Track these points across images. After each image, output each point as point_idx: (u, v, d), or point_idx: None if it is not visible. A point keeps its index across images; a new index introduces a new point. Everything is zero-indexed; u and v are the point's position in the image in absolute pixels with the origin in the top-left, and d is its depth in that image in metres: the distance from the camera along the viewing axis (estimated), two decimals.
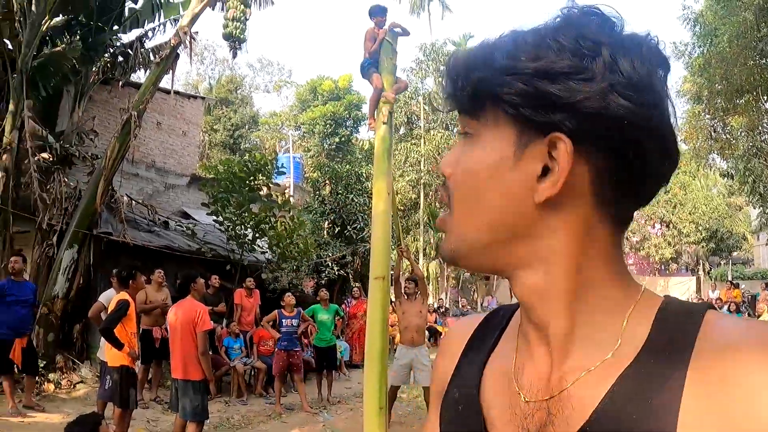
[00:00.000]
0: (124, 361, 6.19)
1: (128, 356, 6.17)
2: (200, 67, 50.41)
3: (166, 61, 11.37)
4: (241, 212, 12.83)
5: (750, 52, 14.36)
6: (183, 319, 5.79)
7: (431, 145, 27.96)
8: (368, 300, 5.77)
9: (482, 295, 37.10)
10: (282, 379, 9.31)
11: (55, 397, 9.17)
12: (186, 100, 17.96)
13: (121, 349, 6.10)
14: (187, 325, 5.74)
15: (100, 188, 10.84)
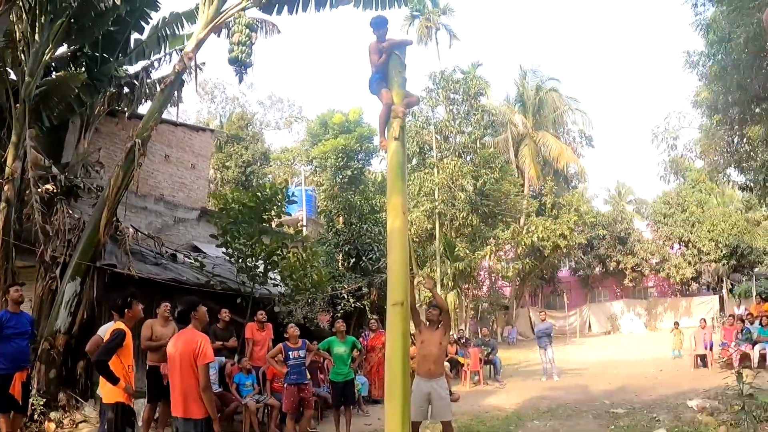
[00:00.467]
0: (120, 398, 5.62)
1: (124, 391, 5.61)
2: (211, 106, 50.71)
3: (171, 87, 11.07)
4: (251, 244, 12.37)
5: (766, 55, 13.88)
6: (182, 351, 5.25)
7: (445, 174, 27.52)
8: (387, 329, 5.23)
9: (501, 325, 36.37)
10: (294, 417, 8.65)
11: None
12: (194, 132, 17.68)
13: (116, 384, 5.54)
14: (187, 357, 5.20)
15: (103, 219, 10.44)
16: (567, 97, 40.74)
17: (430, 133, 29.68)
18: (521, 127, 37.91)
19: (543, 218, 32.21)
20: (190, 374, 5.18)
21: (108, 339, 5.70)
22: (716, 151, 18.47)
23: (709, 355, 16.93)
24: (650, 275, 38.65)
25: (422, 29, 32.57)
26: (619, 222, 38.58)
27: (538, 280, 39.10)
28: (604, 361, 21.03)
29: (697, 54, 16.77)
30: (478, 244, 28.77)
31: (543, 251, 31.90)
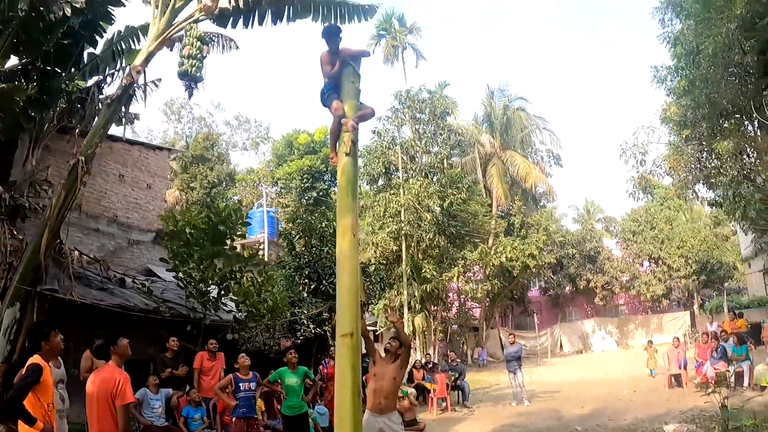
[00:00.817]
0: None
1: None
2: (177, 126, 49.97)
3: (118, 103, 10.47)
4: (203, 268, 11.76)
5: (735, 68, 13.74)
6: (100, 390, 4.75)
7: (410, 195, 27.10)
8: (336, 362, 4.75)
9: (472, 346, 35.93)
10: None
11: None
12: (151, 151, 17.06)
13: (32, 425, 4.90)
14: (105, 396, 4.69)
15: (44, 241, 9.79)
16: (535, 116, 40.82)
17: (396, 154, 29.34)
18: (489, 146, 37.78)
19: (511, 238, 31.95)
20: (107, 415, 4.67)
21: (23, 375, 5.09)
22: (685, 167, 18.29)
23: (683, 375, 16.62)
24: (621, 293, 38.77)
25: (388, 48, 32.28)
26: (588, 240, 38.70)
27: (508, 301, 38.86)
28: (576, 381, 20.67)
29: (664, 68, 16.64)
30: (445, 266, 28.37)
31: (512, 272, 31.58)
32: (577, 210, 52.12)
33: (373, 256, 27.52)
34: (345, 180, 5.32)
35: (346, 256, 4.99)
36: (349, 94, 5.67)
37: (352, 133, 5.42)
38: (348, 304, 4.80)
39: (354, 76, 5.77)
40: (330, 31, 5.75)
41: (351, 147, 5.38)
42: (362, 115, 5.72)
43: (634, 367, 22.15)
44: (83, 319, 9.98)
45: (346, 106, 5.55)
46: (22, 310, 9.65)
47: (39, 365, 5.06)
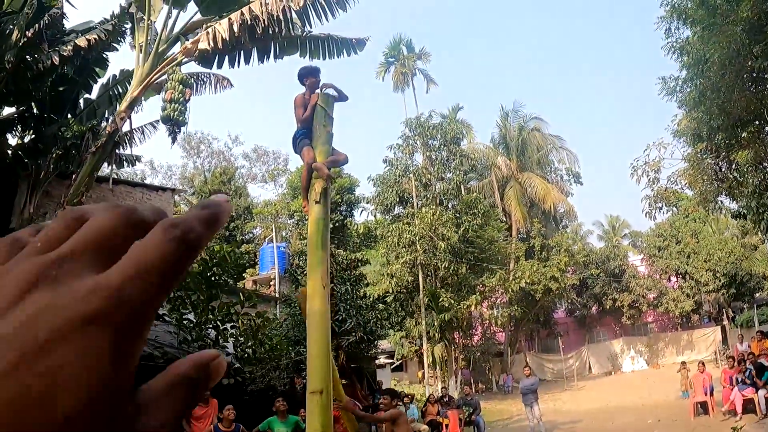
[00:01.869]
0: None
1: None
2: (197, 160, 50.49)
3: (103, 149, 10.41)
4: (199, 311, 11.57)
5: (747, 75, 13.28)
6: None
7: (424, 223, 26.80)
8: (306, 421, 4.50)
9: (497, 373, 35.22)
10: None
11: None
12: (154, 192, 17.03)
13: None
14: None
15: None
16: (551, 135, 40.36)
17: (409, 182, 29.12)
18: (505, 169, 37.39)
19: (532, 261, 31.40)
20: None
21: None
22: (704, 180, 17.73)
23: (709, 401, 15.92)
24: (648, 311, 37.84)
25: (398, 76, 32.30)
26: (612, 259, 37.88)
27: (533, 324, 38.07)
28: (600, 409, 20.03)
29: (673, 79, 16.09)
30: (464, 293, 27.92)
31: (534, 295, 30.99)
32: (602, 227, 51.35)
33: (390, 286, 27.25)
34: (315, 230, 4.99)
35: (317, 312, 4.72)
36: (321, 140, 5.41)
37: (324, 180, 5.18)
38: (318, 360, 4.53)
39: (327, 120, 5.52)
40: (305, 72, 5.55)
41: (321, 194, 5.10)
42: (334, 161, 5.48)
43: (663, 390, 21.46)
44: None
45: (317, 152, 5.32)
46: None
47: None
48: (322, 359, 4.57)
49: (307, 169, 5.20)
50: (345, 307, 15.74)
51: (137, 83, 10.79)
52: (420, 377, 32.38)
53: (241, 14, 10.14)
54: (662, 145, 18.20)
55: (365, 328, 16.39)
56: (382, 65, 33.10)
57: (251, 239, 41.21)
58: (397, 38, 33.10)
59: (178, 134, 10.71)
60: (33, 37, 10.89)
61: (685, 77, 15.65)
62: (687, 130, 17.12)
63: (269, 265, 25.20)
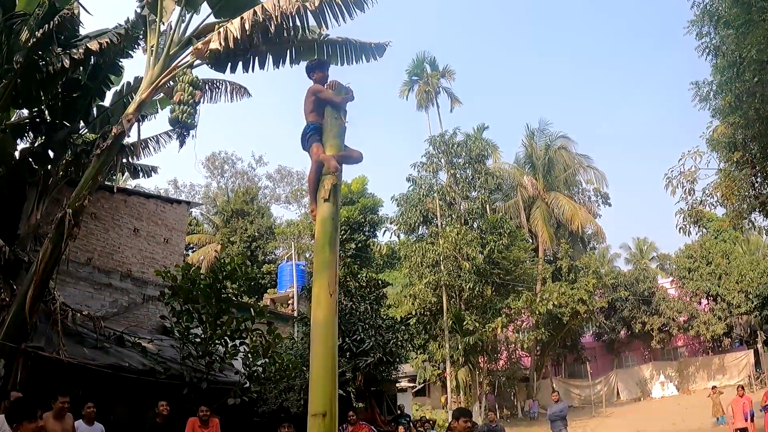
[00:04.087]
0: None
1: None
2: (221, 180, 50.57)
3: (108, 153, 10.01)
4: (208, 326, 11.08)
5: None
6: None
7: (448, 243, 26.15)
8: None
9: (522, 398, 34.28)
10: None
11: None
12: (168, 205, 16.65)
13: None
14: None
15: (29, 296, 9.25)
16: (578, 154, 39.60)
17: (433, 201, 28.57)
18: (531, 189, 36.67)
19: (559, 283, 30.55)
20: None
21: None
22: (738, 194, 16.82)
23: (750, 428, 14.99)
24: (679, 334, 36.72)
25: (421, 94, 31.94)
26: (641, 281, 36.84)
27: (560, 349, 37.01)
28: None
29: (706, 84, 15.28)
30: (489, 316, 27.14)
31: (562, 318, 30.05)
32: (629, 249, 50.26)
33: (412, 308, 26.63)
34: (322, 231, 4.47)
35: (322, 324, 4.19)
36: (332, 132, 4.88)
37: (334, 176, 4.63)
38: (322, 379, 4.01)
39: (338, 113, 5.03)
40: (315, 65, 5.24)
41: (331, 192, 4.55)
42: (346, 157, 4.95)
43: (697, 416, 20.53)
44: (74, 379, 9.35)
45: (328, 146, 4.79)
46: (7, 367, 9.10)
47: None
48: (326, 377, 4.03)
49: (315, 166, 4.70)
50: (363, 326, 15.09)
51: (146, 86, 10.41)
52: (443, 402, 31.58)
53: (253, 13, 9.74)
54: (698, 153, 17.30)
55: (384, 350, 15.71)
56: (405, 84, 32.80)
57: (273, 260, 40.90)
58: (421, 56, 32.81)
59: (186, 137, 10.26)
60: (43, 38, 10.61)
61: (719, 81, 14.88)
62: (722, 139, 16.29)
63: (288, 283, 24.78)
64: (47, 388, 8.71)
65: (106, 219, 14.56)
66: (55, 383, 8.90)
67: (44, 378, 9.29)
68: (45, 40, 10.68)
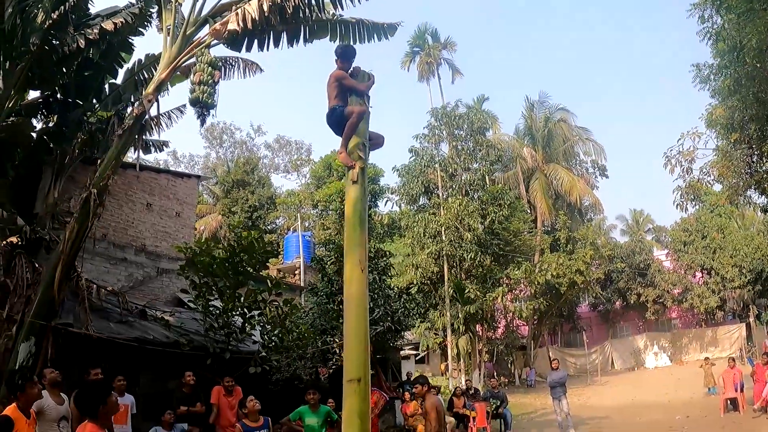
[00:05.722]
0: None
1: None
2: (219, 150, 50.55)
3: (130, 132, 10.23)
4: (226, 298, 11.44)
5: None
6: None
7: (450, 214, 26.50)
8: (343, 409, 4.33)
9: (520, 366, 34.95)
10: None
11: None
12: (179, 179, 16.90)
13: None
14: None
15: (57, 274, 9.54)
16: (577, 127, 39.88)
17: (435, 172, 28.81)
18: (531, 160, 36.96)
19: (557, 254, 31.01)
20: None
21: None
22: (735, 173, 17.23)
23: (740, 398, 15.53)
24: (673, 306, 37.30)
25: (423, 66, 31.98)
26: (637, 253, 37.33)
27: (557, 318, 37.64)
28: (626, 405, 19.65)
29: (707, 67, 15.63)
30: (489, 285, 27.60)
31: (559, 288, 30.58)
32: (625, 221, 50.75)
33: (414, 277, 27.04)
34: (352, 211, 4.82)
35: (355, 297, 4.58)
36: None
37: (362, 160, 4.93)
38: (356, 348, 4.42)
39: (362, 99, 5.31)
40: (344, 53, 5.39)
41: (359, 175, 4.87)
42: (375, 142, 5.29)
43: (689, 386, 21.08)
44: (101, 354, 9.68)
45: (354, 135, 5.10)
46: (38, 344, 9.40)
47: (9, 419, 4.85)
48: (360, 346, 4.44)
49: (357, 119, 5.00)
50: (373, 296, 15.45)
51: (165, 66, 10.59)
52: (442, 369, 32.18)
53: None
54: (696, 134, 17.68)
55: (393, 318, 16.13)
56: (407, 55, 32.79)
57: (274, 229, 41.18)
58: (423, 27, 32.81)
59: (208, 117, 10.47)
60: (58, 19, 10.74)
61: (719, 65, 15.19)
62: (720, 120, 16.63)
63: (294, 254, 25.09)
64: (76, 363, 9.07)
65: (119, 195, 14.80)
66: (83, 358, 9.24)
67: (73, 353, 9.63)
68: (60, 22, 10.83)
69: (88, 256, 13.39)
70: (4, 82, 10.62)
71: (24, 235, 10.82)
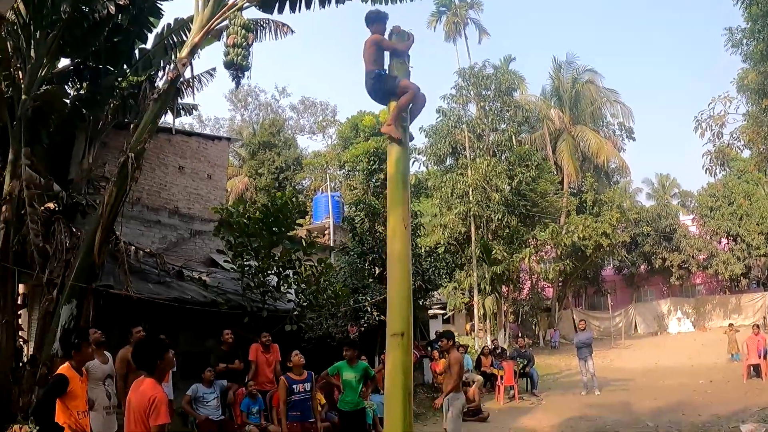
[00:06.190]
0: None
1: None
2: (244, 113, 50.65)
3: (165, 96, 10.36)
4: (261, 258, 11.70)
5: None
6: (135, 406, 4.33)
7: (478, 174, 26.48)
8: (386, 362, 4.59)
9: (544, 328, 35.06)
10: None
11: None
12: (210, 142, 17.14)
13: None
14: (139, 414, 4.27)
15: (97, 238, 9.79)
16: (605, 88, 39.21)
17: (462, 132, 28.71)
18: (558, 122, 36.58)
19: (583, 216, 30.90)
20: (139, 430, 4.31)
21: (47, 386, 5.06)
22: (764, 139, 17.02)
23: (763, 365, 15.55)
24: (698, 272, 36.93)
25: (449, 25, 31.58)
26: (663, 217, 36.93)
27: (582, 281, 37.63)
28: (650, 369, 19.77)
29: (739, 31, 15.37)
30: (516, 246, 27.67)
31: (585, 251, 30.52)
32: (651, 185, 50.22)
33: (442, 237, 27.18)
34: (395, 170, 4.96)
35: (398, 253, 4.74)
36: (399, 75, 5.26)
37: (403, 119, 5.10)
38: (399, 303, 4.62)
39: (402, 58, 5.39)
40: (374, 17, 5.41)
41: (403, 135, 5.03)
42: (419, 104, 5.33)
43: (712, 352, 21.09)
44: (141, 314, 9.99)
45: None
46: (79, 306, 9.70)
47: (64, 377, 5.07)
48: (403, 301, 4.62)
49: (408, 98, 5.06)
50: None
51: (197, 29, 10.62)
52: (468, 330, 32.48)
53: None
54: (728, 98, 17.41)
55: (423, 277, 16.31)
56: (433, 14, 32.36)
57: (300, 190, 41.41)
58: None
59: (242, 79, 10.56)
60: None
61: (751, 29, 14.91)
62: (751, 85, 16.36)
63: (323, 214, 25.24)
64: (117, 324, 9.40)
65: (152, 158, 15.05)
66: (123, 319, 9.55)
67: (113, 314, 9.95)
68: None
69: (123, 220, 13.70)
70: (36, 52, 10.70)
71: (60, 200, 11.11)
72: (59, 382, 5.05)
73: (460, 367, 8.49)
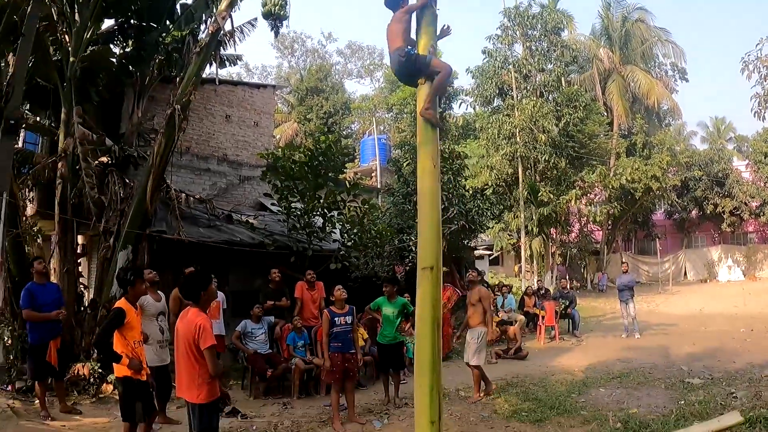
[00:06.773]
0: (126, 372, 5.60)
1: (129, 368, 5.58)
2: (291, 60, 50.87)
3: (207, 49, 10.74)
4: (306, 200, 12.18)
5: None
6: (183, 332, 4.81)
7: (524, 115, 26.30)
8: (417, 295, 4.77)
9: (592, 271, 34.91)
10: (338, 387, 8.01)
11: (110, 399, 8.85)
12: (255, 90, 17.54)
13: (118, 362, 5.56)
14: (188, 342, 4.74)
15: (149, 187, 10.42)
16: (656, 27, 37.78)
17: (508, 73, 28.41)
18: (607, 62, 35.65)
19: (633, 159, 30.40)
20: (189, 359, 4.75)
21: (106, 319, 5.62)
22: None
23: None
24: (750, 219, 35.94)
25: None
26: (716, 162, 35.87)
27: (631, 224, 37.16)
28: (694, 315, 19.68)
29: None
30: (563, 188, 27.58)
31: (634, 194, 30.12)
32: (706, 128, 48.75)
33: (489, 178, 27.24)
34: None
35: (428, 190, 4.86)
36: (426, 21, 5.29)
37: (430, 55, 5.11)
38: (429, 238, 4.76)
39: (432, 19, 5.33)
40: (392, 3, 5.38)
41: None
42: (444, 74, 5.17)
43: (760, 301, 20.82)
44: (192, 257, 10.61)
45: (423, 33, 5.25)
46: (134, 251, 10.41)
47: (122, 309, 5.59)
48: (432, 237, 4.76)
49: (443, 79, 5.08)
50: (447, 195, 15.80)
51: None
52: (516, 271, 32.70)
53: None
54: None
55: (467, 218, 16.56)
56: None
57: (349, 134, 41.76)
58: None
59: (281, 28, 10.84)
60: None
61: None
62: None
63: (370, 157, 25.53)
64: (170, 266, 10.03)
65: (199, 109, 15.52)
66: (176, 261, 10.18)
67: (166, 257, 10.61)
68: None
69: (174, 169, 14.30)
70: (81, 15, 11.07)
71: (113, 154, 11.74)
72: (117, 314, 5.57)
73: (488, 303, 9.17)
